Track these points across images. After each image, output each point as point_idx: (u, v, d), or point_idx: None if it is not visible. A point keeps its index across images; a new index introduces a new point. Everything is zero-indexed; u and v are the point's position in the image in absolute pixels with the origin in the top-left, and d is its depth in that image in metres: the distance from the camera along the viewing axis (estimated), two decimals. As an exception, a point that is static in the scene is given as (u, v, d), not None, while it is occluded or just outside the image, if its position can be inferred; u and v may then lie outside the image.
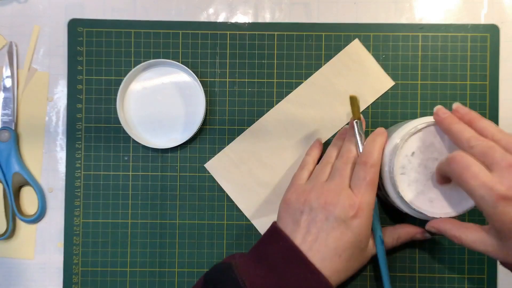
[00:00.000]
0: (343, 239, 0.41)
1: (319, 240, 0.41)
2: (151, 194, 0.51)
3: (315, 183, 0.44)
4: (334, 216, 0.41)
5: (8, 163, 0.50)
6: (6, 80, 0.51)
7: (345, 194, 0.42)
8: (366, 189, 0.42)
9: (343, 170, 0.43)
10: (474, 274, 0.51)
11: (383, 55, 0.51)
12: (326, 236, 0.41)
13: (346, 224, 0.41)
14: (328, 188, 0.43)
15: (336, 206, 0.41)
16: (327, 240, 0.41)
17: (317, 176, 0.45)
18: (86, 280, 0.51)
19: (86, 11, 0.52)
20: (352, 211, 0.41)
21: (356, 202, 0.41)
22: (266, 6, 0.52)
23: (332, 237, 0.41)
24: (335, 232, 0.41)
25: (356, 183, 0.42)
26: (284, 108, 0.51)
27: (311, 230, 0.42)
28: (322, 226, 0.41)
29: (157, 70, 0.51)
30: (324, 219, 0.41)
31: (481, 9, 0.52)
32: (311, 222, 0.42)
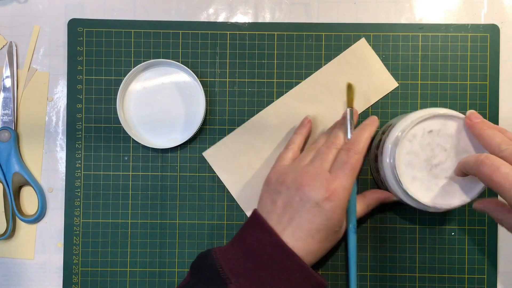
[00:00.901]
0: (316, 221, 0.41)
1: (293, 221, 0.42)
2: (151, 194, 0.51)
3: (296, 165, 0.45)
4: (307, 198, 0.41)
5: (8, 163, 0.50)
6: (6, 80, 0.51)
7: (322, 176, 0.42)
8: (345, 174, 0.42)
9: (325, 154, 0.44)
10: (474, 274, 0.51)
11: (383, 55, 0.51)
12: (299, 218, 0.42)
13: (319, 206, 0.41)
14: (307, 170, 0.43)
15: (310, 188, 0.42)
16: (301, 222, 0.41)
17: (300, 159, 0.46)
18: (86, 280, 0.51)
19: (86, 11, 0.52)
20: (326, 193, 0.41)
21: (332, 185, 0.41)
22: (266, 6, 0.52)
23: (306, 219, 0.41)
24: (308, 214, 0.41)
25: (336, 166, 0.43)
26: (286, 103, 0.51)
27: (286, 210, 0.42)
28: (297, 207, 0.42)
29: (157, 70, 0.51)
30: (299, 201, 0.42)
31: (481, 9, 0.52)
32: (287, 203, 0.42)
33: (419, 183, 0.44)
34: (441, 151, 0.44)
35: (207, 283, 0.40)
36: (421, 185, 0.44)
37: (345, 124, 0.46)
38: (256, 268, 0.40)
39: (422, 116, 0.43)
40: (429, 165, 0.44)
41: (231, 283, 0.39)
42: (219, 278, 0.40)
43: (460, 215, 0.51)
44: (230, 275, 0.40)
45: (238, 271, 0.40)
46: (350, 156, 0.43)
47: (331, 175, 0.42)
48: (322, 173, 0.43)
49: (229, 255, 0.42)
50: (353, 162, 0.43)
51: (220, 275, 0.40)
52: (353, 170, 0.43)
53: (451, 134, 0.44)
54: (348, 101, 0.47)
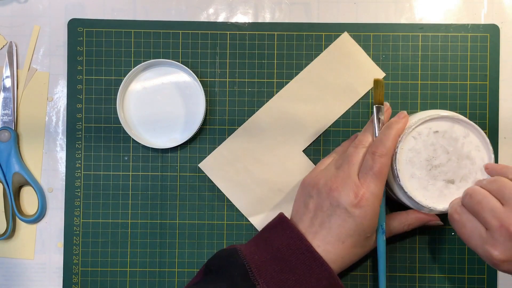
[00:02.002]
0: (346, 226, 0.41)
1: (324, 225, 0.42)
2: (151, 194, 0.51)
3: (329, 168, 0.45)
4: (337, 203, 0.41)
5: (8, 163, 0.50)
6: (6, 80, 0.51)
7: (351, 181, 0.42)
8: (372, 179, 0.41)
9: (353, 156, 0.43)
10: (474, 274, 0.51)
11: (383, 55, 0.51)
12: (329, 222, 0.42)
13: (348, 212, 0.41)
14: (337, 174, 0.43)
15: (340, 194, 0.41)
16: (331, 226, 0.41)
17: (333, 162, 0.46)
18: (86, 280, 0.51)
19: (86, 11, 0.52)
20: (355, 199, 0.41)
21: (360, 191, 0.41)
22: (266, 6, 0.52)
23: (336, 224, 0.41)
24: (338, 219, 0.41)
25: (363, 171, 0.42)
26: (276, 104, 0.51)
27: (317, 214, 0.42)
28: (327, 211, 0.42)
29: (157, 70, 0.51)
30: (329, 205, 0.42)
31: (481, 9, 0.52)
32: (318, 207, 0.43)
33: (417, 181, 0.44)
34: (443, 153, 0.44)
35: (233, 283, 0.40)
36: (418, 184, 0.44)
37: (372, 122, 0.45)
38: (283, 271, 0.40)
39: (430, 116, 0.43)
40: (430, 165, 0.44)
41: (259, 285, 0.39)
42: (247, 278, 0.40)
43: (460, 215, 0.51)
44: (258, 277, 0.40)
45: (266, 273, 0.40)
46: (375, 160, 0.42)
47: (360, 180, 0.42)
48: (350, 178, 0.42)
49: (257, 255, 0.42)
50: (379, 167, 0.42)
51: (248, 276, 0.40)
52: (379, 175, 0.42)
53: (456, 138, 0.44)
54: (375, 98, 0.45)
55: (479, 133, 0.43)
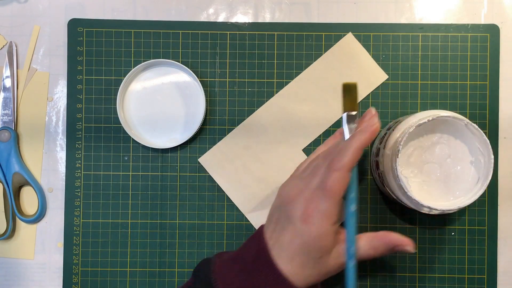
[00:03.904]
0: (294, 243, 0.37)
1: (279, 239, 0.39)
2: (151, 194, 0.51)
3: (296, 176, 0.42)
4: (289, 217, 0.38)
5: (8, 163, 0.50)
6: (6, 80, 0.51)
7: (305, 195, 0.38)
8: (322, 195, 0.37)
9: (318, 168, 0.39)
10: (474, 274, 0.51)
11: (383, 55, 0.51)
12: (283, 236, 0.38)
13: (296, 227, 0.37)
14: (297, 185, 0.40)
15: (292, 206, 0.38)
16: (284, 240, 0.38)
17: (303, 169, 0.42)
18: (86, 280, 0.51)
19: (86, 11, 0.52)
20: (303, 215, 0.37)
21: (309, 207, 0.37)
22: (266, 6, 0.52)
23: (287, 238, 0.38)
24: (288, 233, 0.38)
25: (317, 185, 0.38)
26: (277, 103, 0.51)
27: (277, 225, 0.39)
28: (283, 224, 0.39)
29: (157, 70, 0.51)
30: (285, 217, 0.39)
31: (481, 9, 0.52)
32: (279, 218, 0.40)
33: (417, 181, 0.44)
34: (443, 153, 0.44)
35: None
36: (418, 184, 0.44)
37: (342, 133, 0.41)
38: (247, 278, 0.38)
39: (428, 116, 0.43)
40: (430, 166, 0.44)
41: None
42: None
43: (460, 215, 0.51)
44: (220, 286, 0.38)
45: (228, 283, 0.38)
46: (328, 175, 0.37)
47: (312, 194, 0.38)
48: (306, 191, 0.38)
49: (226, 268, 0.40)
50: (330, 183, 0.37)
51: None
52: (329, 192, 0.37)
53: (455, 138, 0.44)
54: (345, 104, 0.41)
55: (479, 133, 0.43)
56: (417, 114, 0.45)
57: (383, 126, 0.51)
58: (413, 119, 0.44)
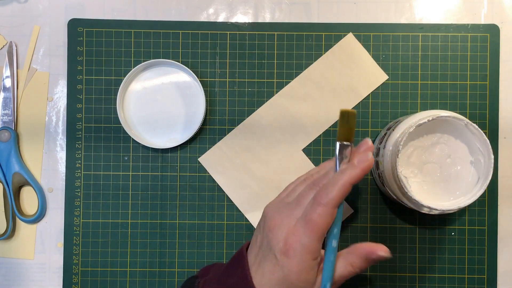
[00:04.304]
0: (275, 274, 0.36)
1: (260, 266, 0.37)
2: (151, 194, 0.51)
3: (280, 200, 0.40)
4: (270, 246, 0.36)
5: (8, 163, 0.50)
6: (6, 80, 0.51)
7: (287, 225, 0.36)
8: (305, 229, 0.35)
9: (303, 197, 0.38)
10: (474, 274, 0.51)
11: (383, 55, 0.51)
12: (264, 264, 0.37)
13: (277, 259, 0.36)
14: (281, 210, 0.38)
15: (274, 236, 0.36)
16: (264, 269, 0.36)
17: (288, 193, 0.40)
18: (86, 280, 0.51)
19: (86, 11, 0.52)
20: (284, 247, 0.35)
21: (290, 239, 0.35)
22: (266, 6, 0.52)
23: (267, 268, 0.36)
24: (269, 264, 0.36)
25: (301, 217, 0.36)
26: (277, 103, 0.51)
27: (260, 251, 0.38)
28: (264, 251, 0.37)
29: (157, 70, 0.51)
30: (266, 244, 0.37)
31: (481, 9, 0.52)
32: (262, 242, 0.38)
33: (417, 181, 0.44)
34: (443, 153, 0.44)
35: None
36: (418, 184, 0.44)
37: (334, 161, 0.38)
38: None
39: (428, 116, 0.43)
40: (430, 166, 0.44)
41: None
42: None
43: (460, 215, 0.51)
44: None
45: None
46: (314, 209, 0.36)
47: (295, 226, 0.36)
48: (289, 220, 0.36)
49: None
50: (314, 217, 0.35)
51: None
52: (313, 226, 0.35)
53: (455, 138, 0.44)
54: (340, 132, 0.38)
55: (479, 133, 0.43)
56: (417, 114, 0.45)
57: (383, 126, 0.51)
58: (413, 119, 0.44)
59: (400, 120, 0.46)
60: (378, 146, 0.47)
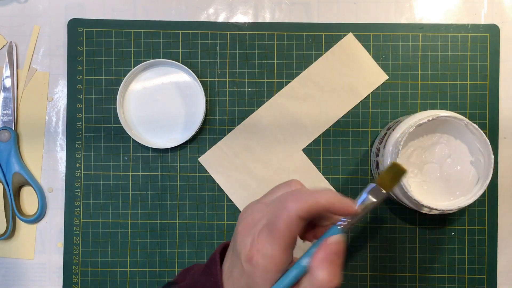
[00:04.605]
0: (241, 281, 0.33)
1: (232, 272, 0.34)
2: (151, 194, 0.51)
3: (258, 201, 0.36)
4: (237, 251, 0.33)
5: (8, 163, 0.50)
6: (6, 80, 0.51)
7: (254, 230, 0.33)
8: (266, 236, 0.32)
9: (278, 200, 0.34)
10: (474, 274, 0.51)
11: (383, 55, 0.51)
12: (233, 271, 0.33)
13: (243, 266, 0.32)
14: (253, 215, 0.34)
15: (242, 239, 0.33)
16: (233, 276, 0.33)
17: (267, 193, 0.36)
18: (86, 280, 0.51)
19: (86, 11, 0.52)
20: (249, 253, 0.32)
21: (254, 247, 0.32)
22: (266, 6, 0.52)
23: (235, 274, 0.33)
24: (236, 270, 0.33)
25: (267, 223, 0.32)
26: (277, 102, 0.51)
27: (232, 257, 0.34)
28: (233, 258, 0.34)
29: (157, 70, 0.51)
30: (234, 249, 0.34)
31: (481, 9, 0.52)
32: (234, 247, 0.34)
33: (417, 181, 0.44)
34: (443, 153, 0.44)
35: None
36: (418, 183, 0.44)
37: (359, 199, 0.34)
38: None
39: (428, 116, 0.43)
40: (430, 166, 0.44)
41: None
42: None
43: (460, 215, 0.51)
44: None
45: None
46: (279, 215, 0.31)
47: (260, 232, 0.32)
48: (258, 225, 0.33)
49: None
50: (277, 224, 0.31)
51: None
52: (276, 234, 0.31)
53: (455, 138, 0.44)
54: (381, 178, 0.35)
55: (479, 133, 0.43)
56: (417, 114, 0.45)
57: (383, 126, 0.51)
58: (413, 119, 0.44)
59: (400, 120, 0.46)
60: (378, 146, 0.47)
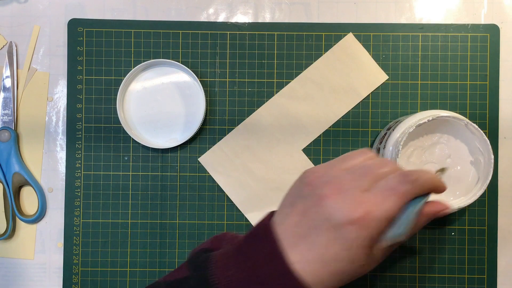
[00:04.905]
0: (332, 249, 0.31)
1: (306, 239, 0.32)
2: (151, 194, 0.51)
3: (333, 166, 0.35)
4: (327, 215, 0.32)
5: (8, 163, 0.50)
6: (6, 80, 0.51)
7: (353, 193, 0.32)
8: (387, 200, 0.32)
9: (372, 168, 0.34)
10: (474, 274, 0.51)
11: (383, 55, 0.51)
12: (314, 237, 0.32)
13: (339, 230, 0.31)
14: (339, 178, 0.33)
15: (334, 203, 0.32)
16: (314, 242, 0.32)
17: (342, 159, 0.35)
18: (86, 280, 0.51)
19: (86, 11, 0.52)
20: (351, 215, 0.31)
21: (363, 208, 0.31)
22: (266, 6, 0.52)
23: (320, 241, 0.32)
24: (324, 236, 0.32)
25: (377, 188, 0.33)
26: (277, 103, 0.51)
27: (303, 221, 0.33)
28: (314, 222, 0.32)
29: (157, 70, 0.51)
30: (316, 214, 0.32)
31: (481, 9, 0.52)
32: (306, 211, 0.33)
33: None
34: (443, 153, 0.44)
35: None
36: None
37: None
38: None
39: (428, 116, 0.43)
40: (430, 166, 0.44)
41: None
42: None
43: (460, 215, 0.51)
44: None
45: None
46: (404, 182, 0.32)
47: (366, 196, 0.32)
48: (356, 189, 0.32)
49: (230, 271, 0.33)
50: (401, 190, 0.32)
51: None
52: (398, 198, 0.32)
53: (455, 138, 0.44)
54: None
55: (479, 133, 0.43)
56: (417, 114, 0.45)
57: (383, 126, 0.51)
58: (413, 119, 0.44)
59: (400, 120, 0.46)
60: (378, 146, 0.47)
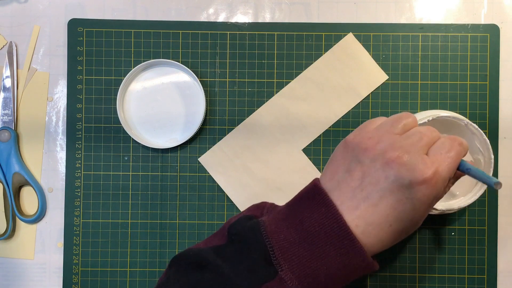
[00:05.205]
0: (400, 209, 0.33)
1: (369, 201, 0.34)
2: (151, 194, 0.51)
3: (386, 132, 0.36)
4: (398, 177, 0.33)
5: (8, 163, 0.50)
6: (6, 80, 0.51)
7: (418, 155, 0.34)
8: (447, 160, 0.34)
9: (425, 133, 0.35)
10: (474, 274, 0.51)
11: (383, 55, 0.51)
12: (379, 199, 0.33)
13: (408, 190, 0.33)
14: (401, 143, 0.34)
15: (404, 166, 0.33)
16: (378, 205, 0.33)
17: (391, 125, 0.36)
18: (86, 280, 0.51)
19: (86, 11, 0.52)
20: (423, 175, 0.33)
21: (434, 167, 0.33)
22: (266, 6, 0.52)
23: (386, 203, 0.33)
24: (391, 198, 0.33)
25: (435, 150, 0.35)
26: (277, 102, 0.51)
27: (365, 186, 0.34)
28: (378, 185, 0.33)
29: (157, 70, 0.51)
30: (383, 178, 0.33)
31: (481, 9, 0.52)
32: (366, 176, 0.34)
33: None
34: None
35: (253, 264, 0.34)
36: None
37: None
38: (313, 258, 0.33)
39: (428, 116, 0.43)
40: None
41: (282, 271, 0.33)
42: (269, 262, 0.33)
43: (460, 215, 0.51)
44: (282, 261, 0.33)
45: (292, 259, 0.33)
46: (456, 145, 0.35)
47: (430, 158, 0.34)
48: (419, 151, 0.34)
49: (283, 234, 0.34)
50: (459, 150, 0.35)
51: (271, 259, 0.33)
52: (456, 158, 0.35)
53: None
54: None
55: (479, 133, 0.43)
56: (417, 114, 0.45)
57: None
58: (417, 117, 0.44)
59: None
60: None
